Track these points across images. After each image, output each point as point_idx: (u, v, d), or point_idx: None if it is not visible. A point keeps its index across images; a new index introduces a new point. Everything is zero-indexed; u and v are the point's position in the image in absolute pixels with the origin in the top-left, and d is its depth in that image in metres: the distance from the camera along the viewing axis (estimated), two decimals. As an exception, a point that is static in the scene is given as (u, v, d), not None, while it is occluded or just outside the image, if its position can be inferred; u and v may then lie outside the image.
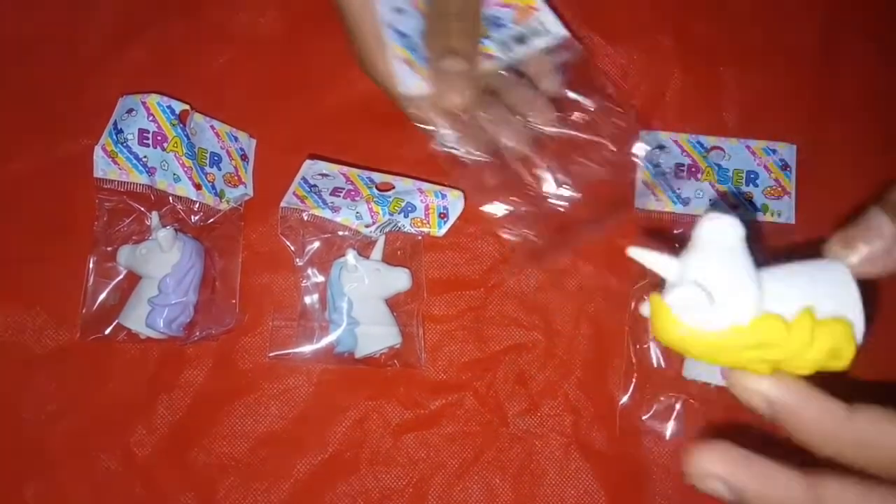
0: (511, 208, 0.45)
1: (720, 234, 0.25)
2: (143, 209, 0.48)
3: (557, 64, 0.46)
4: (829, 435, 0.23)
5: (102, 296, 0.48)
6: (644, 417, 0.47)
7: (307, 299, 0.48)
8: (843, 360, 0.25)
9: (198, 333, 0.48)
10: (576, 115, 0.45)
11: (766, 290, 0.25)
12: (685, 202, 0.49)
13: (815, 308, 0.25)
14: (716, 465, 0.23)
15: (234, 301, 0.49)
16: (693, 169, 0.49)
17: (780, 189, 0.49)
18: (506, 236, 0.46)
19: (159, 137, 0.47)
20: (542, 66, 0.45)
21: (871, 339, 0.26)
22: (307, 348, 0.47)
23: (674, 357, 0.47)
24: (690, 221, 0.42)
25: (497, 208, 0.45)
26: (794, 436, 0.24)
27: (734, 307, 0.24)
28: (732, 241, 0.25)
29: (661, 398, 0.47)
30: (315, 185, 0.48)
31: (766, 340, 0.24)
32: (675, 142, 0.50)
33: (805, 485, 0.23)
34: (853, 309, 0.25)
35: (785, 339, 0.24)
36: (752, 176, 0.49)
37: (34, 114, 0.51)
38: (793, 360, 0.25)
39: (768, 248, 0.48)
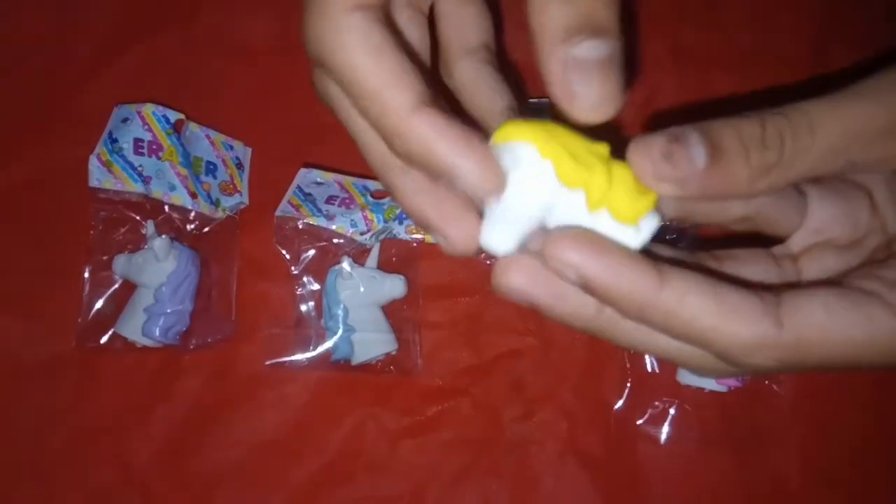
0: None
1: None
2: (138, 218, 0.48)
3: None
4: (637, 308, 0.22)
5: (98, 305, 0.48)
6: (639, 422, 0.47)
7: (303, 307, 0.48)
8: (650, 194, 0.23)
9: (194, 342, 0.48)
10: None
11: None
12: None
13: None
14: (572, 254, 0.21)
15: (230, 309, 0.49)
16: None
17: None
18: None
19: (154, 146, 0.47)
20: None
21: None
22: (303, 356, 0.47)
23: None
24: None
25: None
26: (606, 303, 0.22)
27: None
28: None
29: (656, 403, 0.47)
30: (310, 194, 0.48)
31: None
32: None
33: (656, 277, 0.22)
34: None
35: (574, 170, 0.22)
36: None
37: (28, 123, 0.51)
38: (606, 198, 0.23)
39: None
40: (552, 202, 0.23)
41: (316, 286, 0.48)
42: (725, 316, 0.21)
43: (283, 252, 0.48)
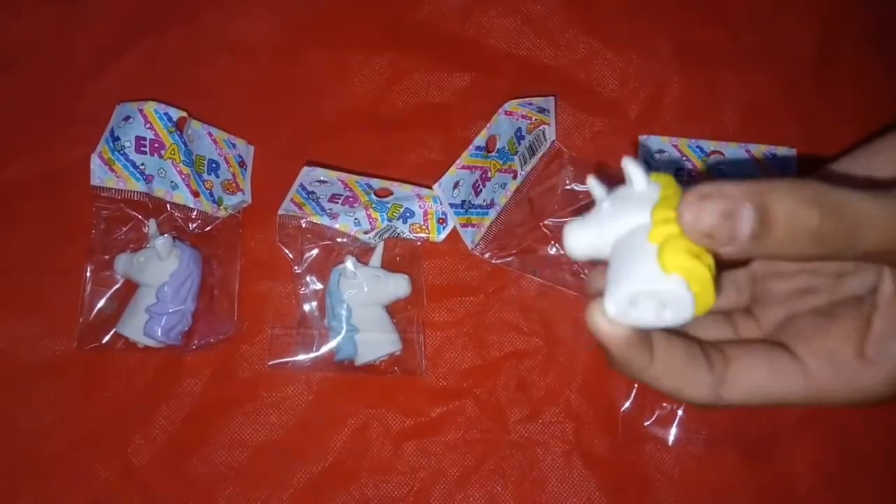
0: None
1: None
2: (140, 217, 0.48)
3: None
4: (631, 375, 0.29)
5: (100, 304, 0.48)
6: (646, 424, 0.47)
7: (306, 307, 0.48)
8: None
9: (196, 342, 0.48)
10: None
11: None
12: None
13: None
14: (608, 329, 0.27)
15: (232, 309, 0.48)
16: (693, 173, 0.49)
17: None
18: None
19: (156, 145, 0.47)
20: None
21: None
22: (306, 356, 0.47)
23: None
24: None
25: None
26: (612, 363, 0.29)
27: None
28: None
29: (664, 404, 0.47)
30: (313, 192, 0.48)
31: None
32: (675, 146, 0.50)
33: (649, 357, 0.29)
34: None
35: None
36: (752, 180, 0.49)
37: (30, 122, 0.51)
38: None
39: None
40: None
41: (319, 285, 0.48)
42: (688, 386, 0.30)
43: (286, 251, 0.48)
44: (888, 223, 0.25)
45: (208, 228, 0.49)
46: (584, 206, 0.49)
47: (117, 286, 0.48)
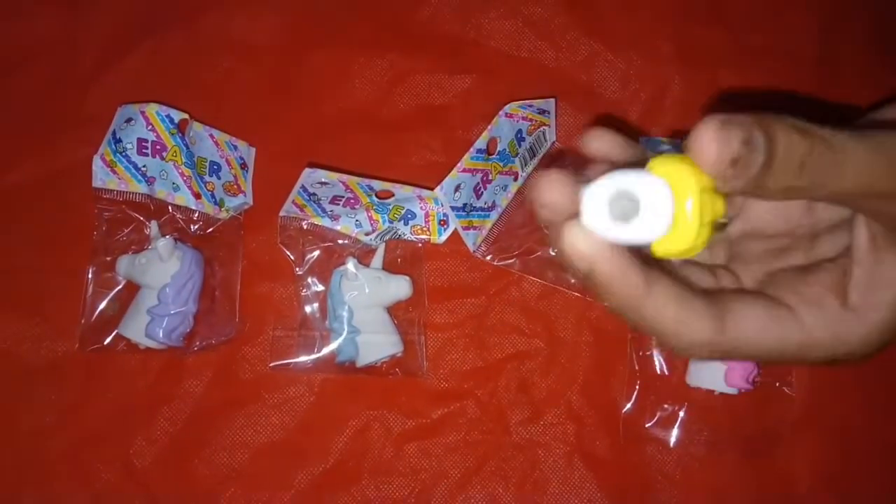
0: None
1: None
2: (142, 219, 0.48)
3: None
4: (627, 307, 0.27)
5: (101, 306, 0.48)
6: (647, 425, 0.47)
7: (307, 308, 0.48)
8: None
9: (198, 343, 0.48)
10: None
11: None
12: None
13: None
14: (588, 245, 0.25)
15: (234, 311, 0.49)
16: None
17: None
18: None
19: (158, 147, 0.47)
20: None
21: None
22: (308, 358, 0.47)
23: (677, 364, 0.47)
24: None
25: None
26: (603, 299, 0.27)
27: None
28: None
29: (665, 406, 0.47)
30: (314, 194, 0.48)
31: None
32: (677, 147, 0.50)
33: (644, 286, 0.26)
34: None
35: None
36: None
37: (33, 124, 0.51)
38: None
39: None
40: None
41: (321, 287, 0.48)
42: (689, 325, 0.28)
43: (288, 253, 0.48)
44: (867, 158, 0.25)
45: (210, 230, 0.49)
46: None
47: (119, 288, 0.48)
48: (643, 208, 0.23)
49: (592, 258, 0.25)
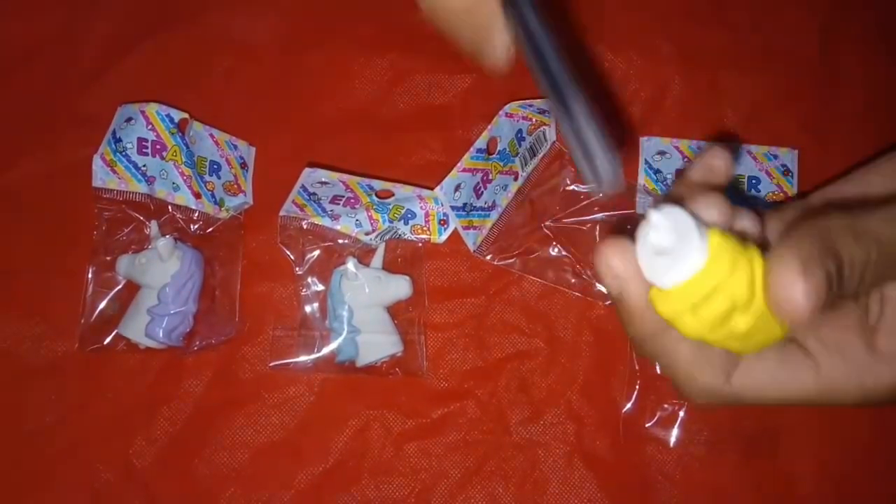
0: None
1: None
2: (142, 218, 0.48)
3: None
4: (647, 338, 0.28)
5: (101, 305, 0.48)
6: (648, 425, 0.47)
7: (307, 308, 0.48)
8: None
9: (197, 343, 0.48)
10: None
11: None
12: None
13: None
14: (621, 265, 0.26)
15: (234, 310, 0.49)
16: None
17: (782, 194, 0.49)
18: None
19: (158, 146, 0.47)
20: None
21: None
22: (308, 357, 0.47)
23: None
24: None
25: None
26: (627, 326, 0.28)
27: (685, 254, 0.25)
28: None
29: (665, 405, 0.47)
30: (314, 193, 0.48)
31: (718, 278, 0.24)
32: (676, 147, 0.50)
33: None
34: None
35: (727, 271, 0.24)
36: (753, 181, 0.49)
37: (33, 123, 0.51)
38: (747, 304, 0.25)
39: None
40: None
41: (321, 287, 0.48)
42: (702, 367, 0.28)
43: (288, 252, 0.48)
44: None
45: (210, 230, 0.49)
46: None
47: (119, 287, 0.48)
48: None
49: (625, 278, 0.26)
